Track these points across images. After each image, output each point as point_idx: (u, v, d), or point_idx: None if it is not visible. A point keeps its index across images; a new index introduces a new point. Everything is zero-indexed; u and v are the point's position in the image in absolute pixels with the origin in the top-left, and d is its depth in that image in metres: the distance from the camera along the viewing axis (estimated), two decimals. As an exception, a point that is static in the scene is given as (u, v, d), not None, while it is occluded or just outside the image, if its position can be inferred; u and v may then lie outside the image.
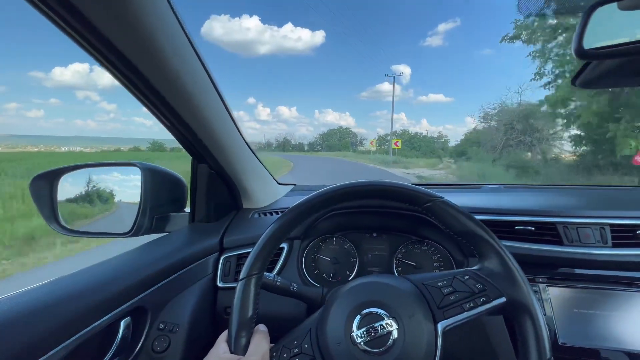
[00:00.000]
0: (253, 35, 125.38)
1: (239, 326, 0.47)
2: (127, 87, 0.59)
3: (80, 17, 0.44)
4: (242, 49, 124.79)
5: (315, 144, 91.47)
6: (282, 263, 0.86)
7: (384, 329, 0.44)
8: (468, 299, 0.47)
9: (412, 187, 0.54)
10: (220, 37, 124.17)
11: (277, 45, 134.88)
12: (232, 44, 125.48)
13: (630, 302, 0.67)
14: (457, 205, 0.53)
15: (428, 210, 0.53)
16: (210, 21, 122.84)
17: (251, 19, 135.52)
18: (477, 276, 0.49)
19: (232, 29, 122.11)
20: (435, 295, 0.48)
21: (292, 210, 0.54)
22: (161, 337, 0.65)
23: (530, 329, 0.45)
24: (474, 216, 0.52)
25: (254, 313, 0.48)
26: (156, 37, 0.51)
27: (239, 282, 0.50)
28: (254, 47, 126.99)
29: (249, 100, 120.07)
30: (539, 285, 0.72)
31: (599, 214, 0.75)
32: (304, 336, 0.48)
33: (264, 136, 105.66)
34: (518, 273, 0.48)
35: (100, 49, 0.50)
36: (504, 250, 0.49)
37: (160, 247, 0.78)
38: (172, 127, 0.74)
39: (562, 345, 0.66)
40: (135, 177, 0.85)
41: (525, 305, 0.46)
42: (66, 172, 0.86)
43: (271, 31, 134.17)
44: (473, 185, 1.23)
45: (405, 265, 0.88)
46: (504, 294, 0.47)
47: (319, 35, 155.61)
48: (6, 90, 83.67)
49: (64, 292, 0.53)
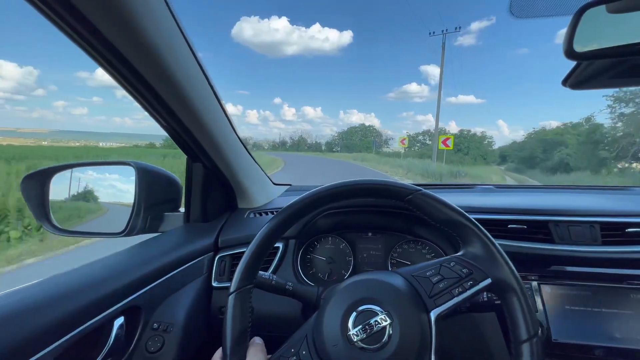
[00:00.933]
0: (281, 36, 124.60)
1: (233, 341, 0.46)
2: (123, 84, 0.59)
3: (78, 16, 0.44)
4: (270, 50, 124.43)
5: (334, 143, 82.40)
6: (277, 262, 0.85)
7: (379, 324, 0.45)
8: (456, 284, 0.48)
9: (392, 183, 0.56)
10: (250, 39, 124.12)
11: (304, 46, 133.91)
12: (261, 45, 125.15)
13: (620, 299, 0.69)
14: (437, 196, 0.54)
15: (410, 202, 0.54)
16: (240, 23, 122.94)
17: (280, 19, 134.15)
18: (462, 261, 0.51)
19: (261, 30, 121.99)
20: (425, 285, 0.49)
21: (279, 214, 0.55)
22: (155, 337, 0.65)
23: (516, 305, 0.47)
24: (454, 205, 0.53)
25: (247, 326, 0.48)
26: (152, 36, 0.51)
27: (229, 296, 0.49)
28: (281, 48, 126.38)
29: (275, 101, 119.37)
30: (531, 282, 0.73)
31: (589, 212, 0.77)
32: (300, 343, 0.48)
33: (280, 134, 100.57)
34: (500, 254, 0.50)
35: (97, 47, 0.50)
36: (485, 234, 0.51)
37: (154, 247, 0.78)
38: (167, 125, 0.73)
39: (555, 342, 0.67)
40: (130, 177, 0.85)
41: (509, 284, 0.48)
42: (58, 171, 0.85)
43: (299, 32, 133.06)
44: (466, 185, 1.24)
45: (400, 264, 0.89)
46: (489, 275, 0.49)
47: (346, 36, 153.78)
48: (56, 89, 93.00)
49: (56, 291, 0.52)
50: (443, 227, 0.54)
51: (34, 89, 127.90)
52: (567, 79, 0.61)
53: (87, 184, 0.92)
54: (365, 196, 0.56)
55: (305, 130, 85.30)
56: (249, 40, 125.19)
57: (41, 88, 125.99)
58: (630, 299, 0.68)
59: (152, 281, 0.67)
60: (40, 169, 0.83)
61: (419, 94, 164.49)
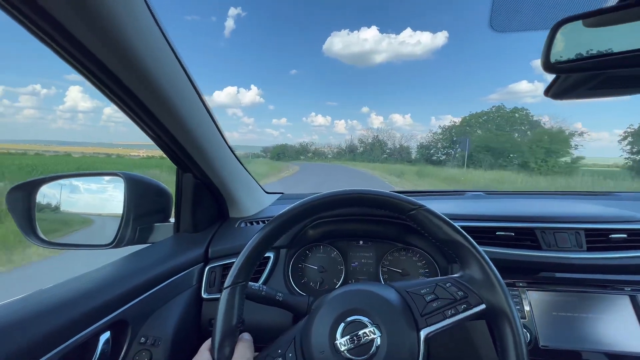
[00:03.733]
0: (370, 45, 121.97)
1: (222, 335, 0.46)
2: (108, 95, 0.59)
3: (62, 30, 0.44)
4: (358, 60, 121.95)
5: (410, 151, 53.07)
6: (268, 272, 0.85)
7: (367, 336, 0.45)
8: (449, 305, 0.48)
9: (395, 196, 0.55)
10: (339, 52, 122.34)
11: (394, 52, 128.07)
12: (350, 56, 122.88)
13: (606, 304, 0.70)
14: (440, 213, 0.54)
15: (411, 218, 0.54)
16: (331, 38, 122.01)
17: (369, 30, 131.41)
18: (458, 283, 0.50)
19: (351, 42, 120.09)
20: (418, 302, 0.49)
21: (277, 218, 0.54)
22: (142, 352, 0.63)
23: (509, 334, 0.46)
24: (455, 225, 0.53)
25: (238, 322, 0.48)
26: (136, 46, 0.51)
27: (224, 290, 0.49)
28: (370, 57, 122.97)
29: (362, 110, 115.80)
30: (518, 289, 0.74)
31: (574, 219, 0.78)
32: (288, 345, 0.48)
33: (344, 140, 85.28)
34: (497, 280, 0.49)
35: (81, 59, 0.49)
36: (484, 258, 0.51)
37: (143, 258, 0.77)
38: (155, 136, 0.73)
39: (543, 348, 0.68)
40: (119, 187, 0.84)
41: (504, 312, 0.47)
42: (45, 182, 0.84)
43: (388, 39, 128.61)
44: (456, 192, 1.25)
45: (391, 273, 0.89)
46: (484, 301, 0.48)
47: (440, 37, 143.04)
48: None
49: (38, 307, 0.51)
50: (442, 245, 0.54)
51: None
52: (548, 89, 0.63)
53: (74, 195, 0.91)
54: (368, 206, 0.55)
55: (390, 133, 63.20)
56: (338, 52, 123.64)
57: None
58: (616, 304, 0.69)
59: (140, 294, 0.66)
60: (26, 181, 0.81)
61: (531, 93, 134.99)
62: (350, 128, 31.62)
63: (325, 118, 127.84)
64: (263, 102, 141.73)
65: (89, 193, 0.92)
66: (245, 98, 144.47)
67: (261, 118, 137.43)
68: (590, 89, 0.59)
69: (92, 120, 73.11)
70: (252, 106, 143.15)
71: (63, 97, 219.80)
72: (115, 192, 0.86)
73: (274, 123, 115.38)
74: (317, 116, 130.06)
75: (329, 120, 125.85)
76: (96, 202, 0.91)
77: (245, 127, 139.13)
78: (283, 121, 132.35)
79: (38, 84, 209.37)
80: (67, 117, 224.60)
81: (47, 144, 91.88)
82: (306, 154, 70.45)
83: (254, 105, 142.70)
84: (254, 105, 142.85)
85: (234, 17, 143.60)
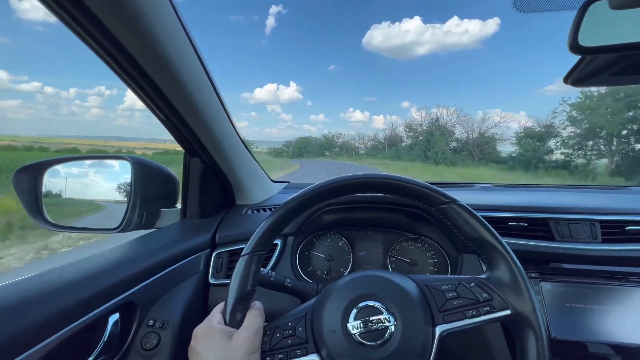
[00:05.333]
0: (411, 37, 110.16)
1: (236, 300, 0.47)
2: (121, 75, 0.58)
3: (88, 14, 0.44)
4: (399, 53, 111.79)
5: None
6: (275, 259, 0.84)
7: (382, 323, 0.44)
8: (471, 306, 0.46)
9: (427, 186, 0.52)
10: (379, 45, 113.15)
11: (438, 43, 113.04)
12: (390, 49, 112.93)
13: (620, 296, 0.69)
14: (474, 211, 0.51)
15: (442, 211, 0.52)
16: (370, 31, 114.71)
17: (412, 20, 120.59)
18: (483, 284, 0.48)
19: (391, 34, 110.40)
20: (438, 298, 0.47)
21: (303, 194, 0.52)
22: (150, 334, 0.63)
23: (532, 347, 0.44)
24: (488, 225, 0.50)
25: (252, 289, 0.48)
26: (156, 33, 0.52)
27: (241, 257, 0.49)
28: (411, 49, 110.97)
29: (402, 104, 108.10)
30: (531, 280, 0.73)
31: (589, 210, 0.77)
32: (299, 319, 0.47)
33: (382, 131, 61.45)
34: (526, 287, 0.46)
35: (103, 43, 0.50)
36: (516, 262, 0.48)
37: (151, 242, 0.76)
38: (165, 119, 0.72)
39: (554, 339, 0.67)
40: (126, 171, 0.83)
41: (530, 321, 0.44)
42: (52, 165, 0.84)
43: (432, 29, 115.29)
44: (465, 184, 1.24)
45: (399, 262, 0.88)
46: (509, 306, 0.45)
47: (491, 24, 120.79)
48: (229, 108, 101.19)
49: (49, 286, 0.50)
50: (471, 243, 0.51)
51: None
52: (568, 75, 0.61)
53: (81, 178, 0.90)
54: (395, 193, 0.53)
55: (462, 118, 36.68)
56: (378, 46, 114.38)
57: None
58: (630, 297, 0.68)
59: (148, 277, 0.66)
60: (33, 163, 0.81)
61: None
62: (388, 123, 31.65)
63: (363, 114, 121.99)
64: (301, 98, 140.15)
65: (95, 176, 0.92)
66: (285, 95, 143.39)
67: (299, 114, 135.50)
68: (613, 74, 0.57)
69: (147, 117, 75.94)
70: (291, 102, 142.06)
71: (123, 97, 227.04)
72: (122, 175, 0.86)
73: (311, 119, 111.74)
74: (354, 112, 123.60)
75: (367, 116, 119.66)
76: (103, 185, 0.91)
77: (284, 123, 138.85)
78: (321, 117, 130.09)
79: (103, 86, 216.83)
80: (126, 115, 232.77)
81: (107, 139, 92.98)
82: (332, 149, 57.11)
83: (293, 102, 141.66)
84: (292, 102, 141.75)
85: (275, 14, 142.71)
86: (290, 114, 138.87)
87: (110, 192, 0.89)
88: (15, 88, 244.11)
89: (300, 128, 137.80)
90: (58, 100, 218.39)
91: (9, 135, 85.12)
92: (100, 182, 0.89)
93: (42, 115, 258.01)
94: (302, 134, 60.66)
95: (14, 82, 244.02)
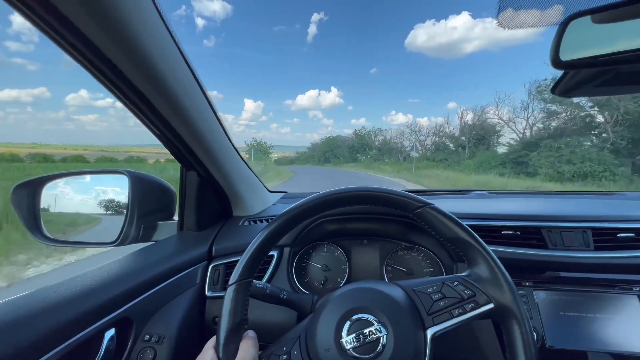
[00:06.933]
0: (459, 34, 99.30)
1: (227, 332, 0.46)
2: (114, 92, 0.59)
3: (70, 27, 0.44)
4: (445, 51, 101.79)
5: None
6: (272, 271, 0.85)
7: (374, 334, 0.44)
8: (457, 305, 0.47)
9: (401, 193, 0.54)
10: (423, 45, 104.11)
11: (489, 38, 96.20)
12: (435, 49, 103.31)
13: (613, 304, 0.69)
14: (447, 212, 0.53)
15: (418, 216, 0.53)
16: (414, 31, 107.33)
17: (459, 17, 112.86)
18: (465, 282, 0.49)
19: (437, 32, 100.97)
20: (425, 301, 0.48)
21: (281, 216, 0.54)
22: (147, 349, 0.63)
23: (517, 334, 0.45)
24: (462, 223, 0.52)
25: (243, 319, 0.48)
26: (144, 43, 0.51)
27: (229, 287, 0.49)
28: (458, 47, 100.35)
29: (449, 105, 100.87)
30: (525, 289, 0.73)
31: (581, 218, 0.78)
32: (293, 342, 0.48)
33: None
34: (505, 279, 0.48)
35: (90, 58, 0.50)
36: (492, 257, 0.50)
37: (147, 256, 0.77)
38: (160, 134, 0.73)
39: (550, 348, 0.67)
40: (124, 185, 0.84)
41: (512, 311, 0.46)
42: (50, 180, 0.85)
43: (483, 24, 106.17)
44: (460, 191, 1.25)
45: (395, 271, 0.89)
46: (492, 300, 0.47)
47: (554, 11, 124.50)
48: (272, 115, 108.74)
49: (43, 304, 0.51)
50: (449, 243, 0.53)
51: (260, 116, 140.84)
52: (555, 87, 0.62)
53: (79, 193, 0.91)
54: (372, 204, 0.55)
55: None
56: (422, 45, 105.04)
57: (264, 115, 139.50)
58: (623, 304, 0.68)
59: (144, 292, 0.66)
60: (31, 179, 0.82)
61: None
62: (433, 126, 27.80)
63: (406, 116, 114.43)
64: (342, 103, 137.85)
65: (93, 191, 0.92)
66: (326, 100, 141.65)
67: (340, 119, 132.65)
68: (599, 85, 0.58)
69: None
70: (332, 108, 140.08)
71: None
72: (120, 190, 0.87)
73: (352, 123, 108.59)
74: (397, 114, 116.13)
75: (410, 119, 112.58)
76: (101, 200, 0.91)
77: (325, 128, 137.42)
78: (362, 121, 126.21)
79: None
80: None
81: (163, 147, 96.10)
82: (367, 153, 41.72)
83: (334, 107, 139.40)
84: (333, 107, 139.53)
85: (316, 22, 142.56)
86: (331, 118, 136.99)
87: (108, 207, 0.90)
88: (93, 104, 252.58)
89: (341, 132, 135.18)
90: (126, 113, 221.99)
91: (82, 145, 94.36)
92: (98, 197, 0.90)
93: (113, 128, 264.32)
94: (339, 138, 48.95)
95: (92, 99, 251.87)
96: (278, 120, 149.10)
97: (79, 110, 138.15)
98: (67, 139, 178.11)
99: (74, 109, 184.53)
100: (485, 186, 16.37)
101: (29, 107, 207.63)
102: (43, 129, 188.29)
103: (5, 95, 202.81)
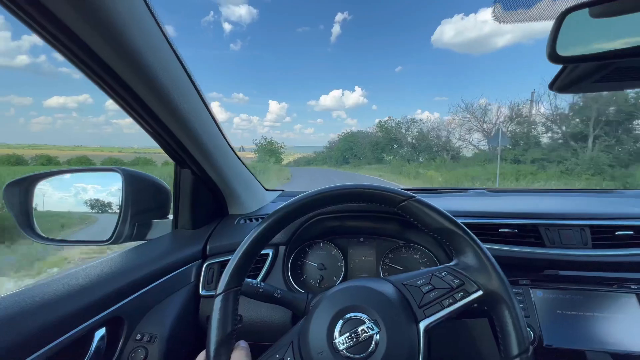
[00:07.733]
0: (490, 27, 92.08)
1: (217, 344, 0.45)
2: (106, 90, 0.58)
3: (63, 28, 0.44)
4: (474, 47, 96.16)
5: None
6: (266, 269, 0.84)
7: (366, 333, 0.44)
8: (447, 295, 0.47)
9: (386, 189, 0.54)
10: (450, 40, 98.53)
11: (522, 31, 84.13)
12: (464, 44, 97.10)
13: (610, 302, 0.68)
14: (431, 203, 0.53)
15: (402, 209, 0.54)
16: (441, 27, 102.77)
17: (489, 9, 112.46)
18: (454, 271, 0.50)
19: (465, 27, 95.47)
20: (415, 294, 0.48)
21: (266, 220, 0.53)
22: (138, 349, 0.63)
23: (508, 319, 0.46)
24: (448, 213, 0.52)
25: (233, 329, 0.46)
26: (135, 41, 0.51)
27: (216, 297, 0.47)
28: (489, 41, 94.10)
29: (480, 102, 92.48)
30: (522, 287, 0.72)
31: (579, 216, 0.77)
32: (286, 348, 0.46)
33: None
34: (492, 265, 0.48)
35: (82, 57, 0.49)
36: (478, 244, 0.50)
37: (140, 255, 0.76)
38: (153, 132, 0.72)
39: (547, 347, 0.66)
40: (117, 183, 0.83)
41: (501, 296, 0.47)
42: (43, 178, 0.84)
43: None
44: (458, 189, 1.24)
45: (392, 270, 0.88)
46: (480, 287, 0.48)
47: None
48: (296, 116, 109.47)
49: (31, 302, 0.50)
50: (436, 235, 0.53)
51: (284, 117, 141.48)
52: (553, 82, 0.61)
53: (72, 191, 0.90)
54: (357, 201, 0.55)
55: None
56: (450, 42, 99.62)
57: (288, 116, 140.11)
58: (621, 302, 0.68)
59: (136, 290, 0.65)
60: (24, 176, 0.81)
61: None
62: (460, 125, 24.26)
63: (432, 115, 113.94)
64: (366, 102, 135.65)
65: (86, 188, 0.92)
66: (349, 100, 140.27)
67: (364, 118, 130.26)
68: (597, 81, 0.57)
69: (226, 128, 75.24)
70: (356, 107, 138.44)
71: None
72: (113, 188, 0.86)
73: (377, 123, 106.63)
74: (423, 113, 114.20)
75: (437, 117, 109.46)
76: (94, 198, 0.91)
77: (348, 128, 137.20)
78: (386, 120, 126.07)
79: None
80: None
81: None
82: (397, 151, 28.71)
83: (358, 107, 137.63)
84: (357, 107, 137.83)
85: (340, 22, 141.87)
86: (355, 118, 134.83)
87: (102, 205, 0.89)
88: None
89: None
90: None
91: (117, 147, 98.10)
92: (91, 195, 0.89)
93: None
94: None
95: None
96: (302, 121, 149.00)
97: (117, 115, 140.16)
98: (105, 142, 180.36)
99: (112, 113, 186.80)
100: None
101: (74, 113, 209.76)
102: (87, 132, 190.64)
103: (54, 102, 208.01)
